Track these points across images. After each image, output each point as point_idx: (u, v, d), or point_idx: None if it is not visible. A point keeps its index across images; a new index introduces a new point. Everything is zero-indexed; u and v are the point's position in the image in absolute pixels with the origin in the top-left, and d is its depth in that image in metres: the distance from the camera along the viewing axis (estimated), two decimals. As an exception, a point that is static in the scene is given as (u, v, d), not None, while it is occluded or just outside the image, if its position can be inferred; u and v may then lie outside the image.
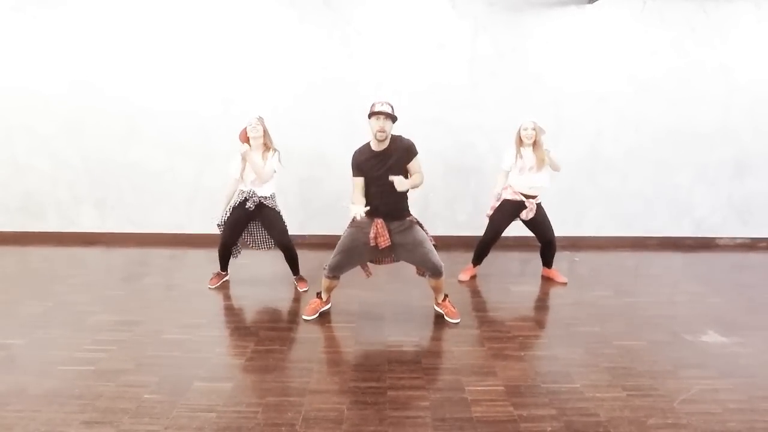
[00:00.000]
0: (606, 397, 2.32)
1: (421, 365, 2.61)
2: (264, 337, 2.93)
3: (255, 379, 2.46)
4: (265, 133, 3.54)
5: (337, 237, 4.64)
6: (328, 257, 3.10)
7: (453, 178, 4.85)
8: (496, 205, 3.81)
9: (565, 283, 3.88)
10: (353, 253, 3.02)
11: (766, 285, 3.95)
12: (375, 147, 2.88)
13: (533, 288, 3.82)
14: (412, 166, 2.97)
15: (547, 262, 4.00)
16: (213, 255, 4.46)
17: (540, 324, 3.18)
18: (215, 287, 3.75)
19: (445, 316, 3.17)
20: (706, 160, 4.92)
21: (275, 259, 4.45)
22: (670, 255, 4.80)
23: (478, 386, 2.40)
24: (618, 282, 3.96)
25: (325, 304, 3.23)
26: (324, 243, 4.80)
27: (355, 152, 2.98)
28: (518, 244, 4.67)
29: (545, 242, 3.89)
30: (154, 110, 4.71)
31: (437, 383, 2.43)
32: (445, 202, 4.89)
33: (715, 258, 4.75)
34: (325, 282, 3.16)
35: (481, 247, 3.93)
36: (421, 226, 3.06)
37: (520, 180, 3.71)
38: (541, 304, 3.52)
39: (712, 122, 4.83)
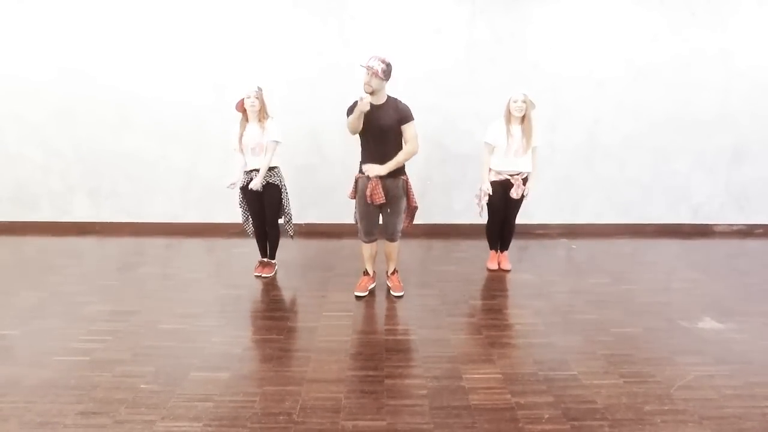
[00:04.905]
0: (603, 384, 2.33)
1: (419, 354, 2.61)
2: (261, 326, 2.93)
3: (252, 369, 2.46)
4: (263, 106, 3.49)
5: (334, 225, 4.62)
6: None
7: (450, 165, 4.80)
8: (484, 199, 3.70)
9: (509, 271, 3.83)
10: (369, 213, 3.18)
11: (762, 271, 3.96)
12: (371, 100, 2.92)
13: (530, 276, 3.81)
14: (406, 131, 3.04)
15: (504, 243, 3.94)
16: (208, 244, 4.45)
17: (537, 312, 3.17)
18: (269, 276, 3.70)
19: (390, 290, 3.36)
20: (705, 146, 4.89)
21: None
22: (667, 242, 4.80)
23: (475, 374, 2.40)
24: (615, 269, 3.96)
25: (372, 281, 3.41)
26: (320, 231, 4.80)
27: (355, 101, 3.01)
28: (516, 231, 4.65)
29: (506, 219, 3.79)
30: (146, 98, 4.63)
31: (435, 371, 2.43)
32: (441, 189, 4.85)
33: (712, 245, 4.76)
34: (365, 250, 3.32)
35: (490, 233, 3.92)
36: (409, 189, 3.20)
37: (504, 162, 3.55)
38: (538, 291, 3.52)
39: (710, 108, 4.79)
